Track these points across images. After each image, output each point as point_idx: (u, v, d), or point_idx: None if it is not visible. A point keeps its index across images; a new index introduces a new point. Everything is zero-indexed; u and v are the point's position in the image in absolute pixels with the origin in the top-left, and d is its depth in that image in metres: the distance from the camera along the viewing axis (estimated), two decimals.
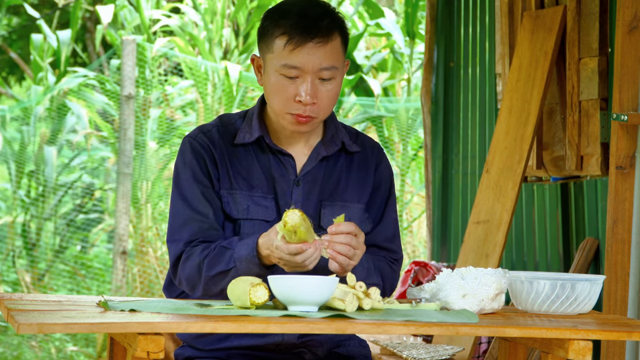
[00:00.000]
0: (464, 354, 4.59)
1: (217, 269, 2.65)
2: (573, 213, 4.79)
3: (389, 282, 2.80)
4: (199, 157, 2.78)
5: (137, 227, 8.69)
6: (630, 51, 3.76)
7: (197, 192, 2.76)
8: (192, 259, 2.70)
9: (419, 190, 9.07)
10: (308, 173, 2.80)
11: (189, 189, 2.76)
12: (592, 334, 2.31)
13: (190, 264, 2.70)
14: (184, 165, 2.79)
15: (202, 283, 2.68)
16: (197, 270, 2.68)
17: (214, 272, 2.66)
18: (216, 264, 2.66)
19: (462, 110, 5.84)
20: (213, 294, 2.69)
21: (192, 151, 2.79)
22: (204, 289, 2.69)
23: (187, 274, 2.71)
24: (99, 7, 9.45)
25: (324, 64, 2.69)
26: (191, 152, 2.79)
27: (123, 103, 8.12)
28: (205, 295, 2.71)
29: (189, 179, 2.77)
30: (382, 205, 2.86)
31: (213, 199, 2.76)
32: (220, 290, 2.67)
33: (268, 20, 2.73)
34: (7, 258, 9.06)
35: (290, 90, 2.70)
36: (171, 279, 2.85)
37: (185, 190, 2.77)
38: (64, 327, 2.11)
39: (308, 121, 2.72)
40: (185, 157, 2.79)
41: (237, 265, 2.62)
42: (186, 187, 2.77)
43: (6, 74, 13.69)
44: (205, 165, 2.77)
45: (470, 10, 5.81)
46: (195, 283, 2.70)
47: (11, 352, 7.76)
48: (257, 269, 2.61)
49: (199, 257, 2.69)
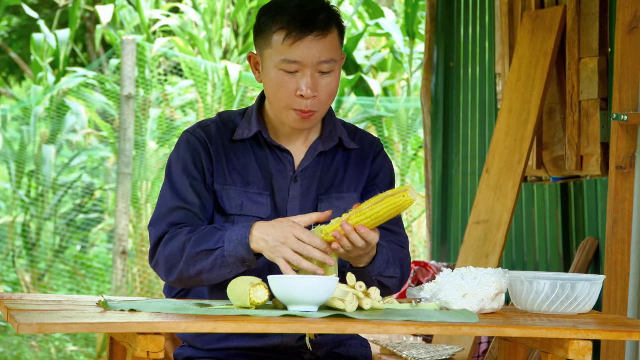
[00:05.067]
0: (464, 354, 4.59)
1: (202, 247, 2.62)
2: (573, 213, 4.79)
3: (407, 268, 2.80)
4: (193, 151, 2.78)
5: (137, 227, 8.69)
6: (630, 51, 3.76)
7: (186, 183, 2.76)
8: (176, 239, 2.67)
9: (419, 190, 9.06)
10: (306, 169, 2.80)
11: (179, 181, 2.76)
12: (592, 334, 2.31)
13: (174, 243, 2.67)
14: (177, 158, 2.80)
15: (181, 262, 2.65)
16: (181, 248, 2.65)
17: (197, 250, 2.62)
18: (203, 242, 2.63)
19: (462, 110, 5.84)
20: (188, 276, 2.65)
21: (187, 145, 2.79)
22: (181, 269, 2.65)
23: (168, 253, 2.67)
24: (98, 7, 9.45)
25: (323, 57, 2.69)
26: (186, 146, 2.79)
27: (123, 103, 8.12)
28: (179, 280, 2.68)
29: (179, 171, 2.77)
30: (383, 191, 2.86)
31: (202, 192, 2.76)
32: (196, 272, 2.63)
33: (264, 16, 2.74)
34: (7, 258, 9.06)
35: (291, 85, 2.70)
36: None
37: (175, 181, 2.77)
38: (64, 327, 2.11)
39: (310, 116, 2.72)
40: (180, 150, 2.80)
41: (224, 246, 2.59)
42: (176, 178, 2.77)
43: (6, 74, 13.69)
44: (199, 160, 2.78)
45: (470, 10, 5.81)
46: (174, 263, 2.66)
47: (11, 352, 7.76)
48: (244, 252, 2.58)
49: (185, 236, 2.66)
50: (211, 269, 2.63)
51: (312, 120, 2.74)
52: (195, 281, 2.66)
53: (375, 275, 2.66)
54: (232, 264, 2.61)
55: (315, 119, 2.75)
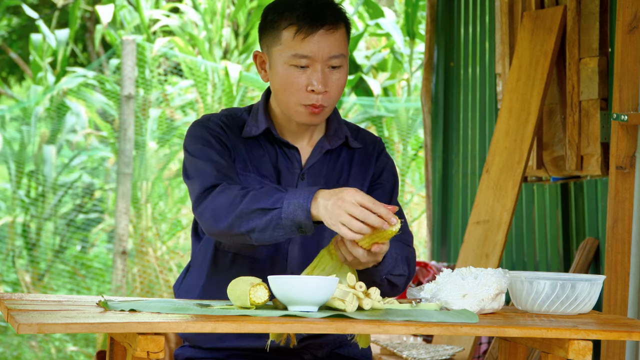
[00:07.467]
0: (464, 354, 4.59)
1: (259, 204, 2.54)
2: (573, 213, 4.79)
3: (413, 266, 2.79)
4: (212, 132, 2.74)
5: (137, 227, 8.69)
6: (630, 51, 3.76)
7: (213, 153, 2.71)
8: (229, 191, 2.59)
9: (419, 190, 9.07)
10: (312, 167, 2.81)
11: (205, 154, 2.71)
12: (592, 334, 2.31)
13: (227, 194, 2.59)
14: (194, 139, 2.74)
15: (233, 216, 2.56)
16: (233, 201, 2.56)
17: (254, 207, 2.54)
18: (260, 200, 2.55)
19: (462, 110, 5.84)
20: (237, 233, 2.57)
21: (204, 127, 2.75)
22: (231, 223, 2.57)
23: (217, 204, 2.59)
24: (98, 7, 9.45)
25: (333, 51, 2.71)
26: (204, 129, 2.75)
27: (123, 103, 8.12)
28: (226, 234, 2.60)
29: (201, 147, 2.72)
30: (389, 189, 2.86)
31: (231, 162, 2.72)
32: (248, 229, 2.55)
33: (272, 13, 2.74)
34: (7, 258, 9.06)
35: (301, 80, 2.70)
36: (183, 278, 2.85)
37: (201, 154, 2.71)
38: (64, 327, 2.11)
39: (320, 111, 2.72)
40: (197, 132, 2.75)
41: (282, 207, 2.51)
42: (201, 153, 2.71)
43: (6, 74, 13.69)
44: (220, 140, 2.74)
45: (470, 10, 5.81)
46: (223, 214, 2.58)
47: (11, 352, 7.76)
48: (302, 217, 2.50)
49: (239, 190, 2.58)
50: (264, 228, 2.54)
51: (322, 115, 2.74)
52: (243, 239, 2.59)
53: (384, 273, 2.65)
54: (288, 226, 2.53)
55: (325, 114, 2.75)
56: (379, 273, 2.64)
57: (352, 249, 2.51)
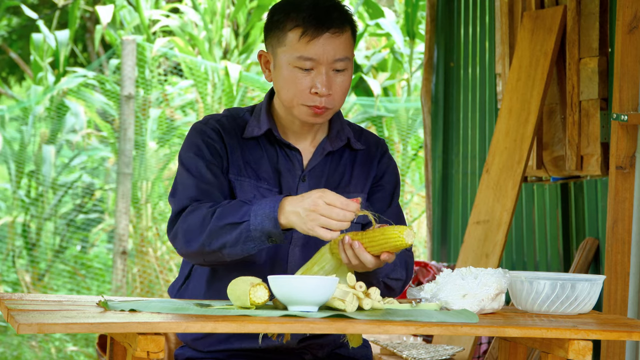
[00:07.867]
0: (464, 354, 4.59)
1: (227, 219, 2.56)
2: (573, 213, 4.79)
3: (411, 271, 2.79)
4: (206, 138, 2.75)
5: (137, 227, 8.69)
6: (630, 51, 3.76)
7: (201, 164, 2.73)
8: (199, 211, 2.62)
9: (419, 190, 9.07)
10: (314, 169, 2.80)
11: (194, 164, 2.73)
12: (592, 334, 2.31)
13: (197, 214, 2.62)
14: (189, 145, 2.76)
15: (204, 235, 2.58)
16: (202, 221, 2.59)
17: (222, 223, 2.57)
18: (228, 215, 2.57)
19: (462, 110, 5.84)
20: (210, 250, 2.60)
21: (200, 132, 2.76)
22: (202, 243, 2.59)
23: (189, 225, 2.62)
24: (98, 7, 9.45)
25: (338, 55, 2.70)
26: (198, 133, 2.76)
27: (123, 103, 8.12)
28: (199, 254, 2.62)
29: (192, 156, 2.74)
30: (389, 191, 2.86)
31: (219, 174, 2.73)
32: (219, 246, 2.58)
33: (278, 14, 2.73)
34: (7, 258, 9.06)
35: (305, 82, 2.69)
36: (181, 284, 2.84)
37: (189, 165, 2.74)
38: (64, 327, 2.11)
39: (323, 112, 2.72)
40: (191, 138, 2.77)
41: (250, 220, 2.54)
42: (190, 163, 2.74)
43: (6, 74, 13.69)
44: (213, 146, 2.75)
45: (470, 10, 5.81)
46: (195, 235, 2.60)
47: (11, 352, 7.76)
48: (270, 226, 2.53)
49: (208, 209, 2.61)
50: (234, 243, 2.56)
51: (325, 116, 2.74)
52: (216, 256, 2.60)
53: (382, 277, 2.65)
54: (258, 238, 2.55)
55: (328, 115, 2.74)
56: (376, 276, 2.64)
57: (360, 254, 2.51)
